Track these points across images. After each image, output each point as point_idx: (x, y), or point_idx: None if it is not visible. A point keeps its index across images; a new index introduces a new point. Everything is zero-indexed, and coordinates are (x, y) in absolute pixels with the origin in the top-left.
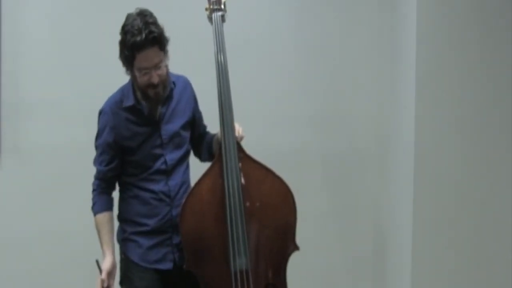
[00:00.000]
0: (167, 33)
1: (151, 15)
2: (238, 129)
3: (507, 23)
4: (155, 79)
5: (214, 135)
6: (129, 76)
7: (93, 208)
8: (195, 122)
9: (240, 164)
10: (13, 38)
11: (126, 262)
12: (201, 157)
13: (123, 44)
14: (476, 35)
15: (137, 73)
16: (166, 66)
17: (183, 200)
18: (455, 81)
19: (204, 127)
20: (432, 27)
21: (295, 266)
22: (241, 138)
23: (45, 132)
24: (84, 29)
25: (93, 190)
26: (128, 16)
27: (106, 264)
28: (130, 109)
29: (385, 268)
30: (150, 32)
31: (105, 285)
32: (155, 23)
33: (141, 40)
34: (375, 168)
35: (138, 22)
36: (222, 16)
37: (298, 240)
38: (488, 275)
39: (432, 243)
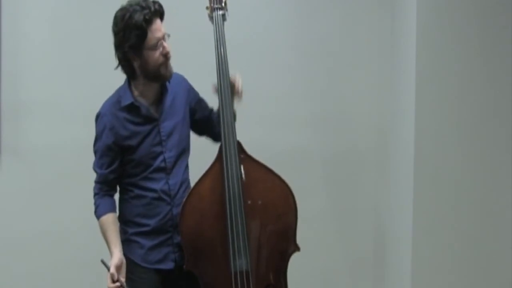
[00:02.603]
0: (168, 31)
1: None
2: (238, 80)
3: (507, 23)
4: (168, 48)
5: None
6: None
7: (96, 211)
8: (196, 111)
9: (240, 164)
10: (13, 38)
11: (127, 263)
12: (215, 137)
13: (128, 30)
14: (476, 35)
15: (150, 51)
16: None
17: (183, 200)
18: (455, 81)
19: (211, 109)
20: (432, 27)
21: (295, 266)
22: (238, 89)
23: (45, 132)
24: (84, 30)
25: (95, 194)
26: (122, 8)
27: (114, 260)
28: (128, 108)
29: (385, 268)
30: (154, 2)
31: (115, 278)
32: None
33: (149, 12)
34: (375, 168)
35: (135, 5)
36: (223, 15)
37: (298, 240)
38: (488, 275)
39: (432, 243)
